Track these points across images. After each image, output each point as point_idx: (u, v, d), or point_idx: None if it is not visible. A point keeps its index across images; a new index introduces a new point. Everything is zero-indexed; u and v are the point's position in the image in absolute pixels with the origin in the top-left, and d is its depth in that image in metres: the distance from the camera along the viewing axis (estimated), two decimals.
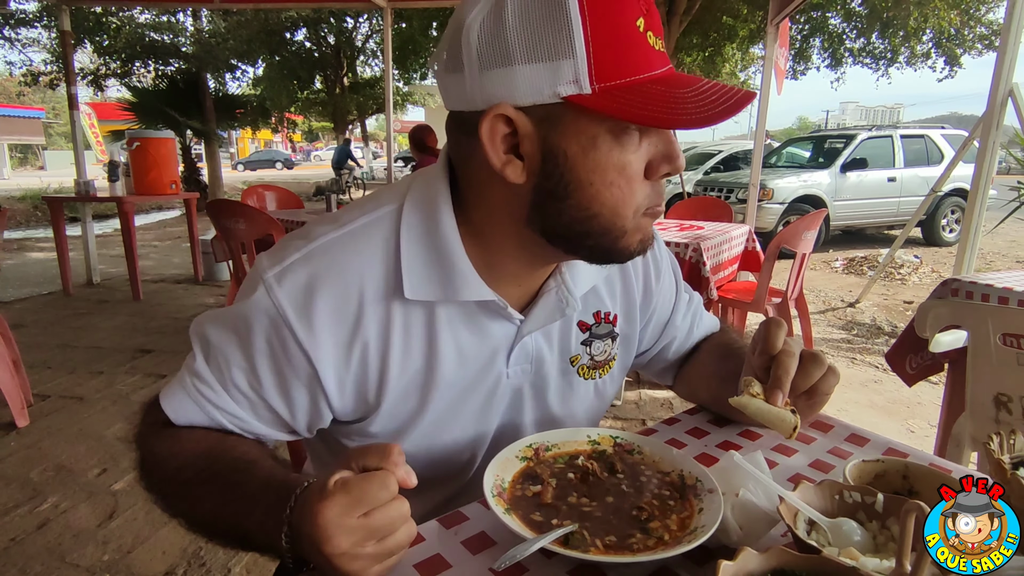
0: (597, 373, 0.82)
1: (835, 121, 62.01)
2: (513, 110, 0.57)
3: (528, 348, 0.75)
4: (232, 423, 0.68)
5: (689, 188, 8.93)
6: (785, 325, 0.73)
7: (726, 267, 3.23)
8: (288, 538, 0.54)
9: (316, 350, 0.64)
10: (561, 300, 0.72)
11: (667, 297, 0.91)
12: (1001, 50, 3.20)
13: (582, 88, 0.54)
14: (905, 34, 10.30)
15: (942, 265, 6.84)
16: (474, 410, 0.75)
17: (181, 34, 12.28)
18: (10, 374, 2.67)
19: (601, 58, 0.54)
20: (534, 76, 0.55)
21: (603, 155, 0.57)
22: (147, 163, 5.03)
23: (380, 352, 0.67)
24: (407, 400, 0.70)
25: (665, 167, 0.61)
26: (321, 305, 0.63)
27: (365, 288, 0.65)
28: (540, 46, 0.54)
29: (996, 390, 1.50)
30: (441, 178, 0.66)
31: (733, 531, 0.57)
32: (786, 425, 0.67)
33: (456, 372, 0.70)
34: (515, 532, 0.56)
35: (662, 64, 0.58)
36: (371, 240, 0.66)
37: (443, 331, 0.68)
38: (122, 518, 2.03)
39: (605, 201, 0.59)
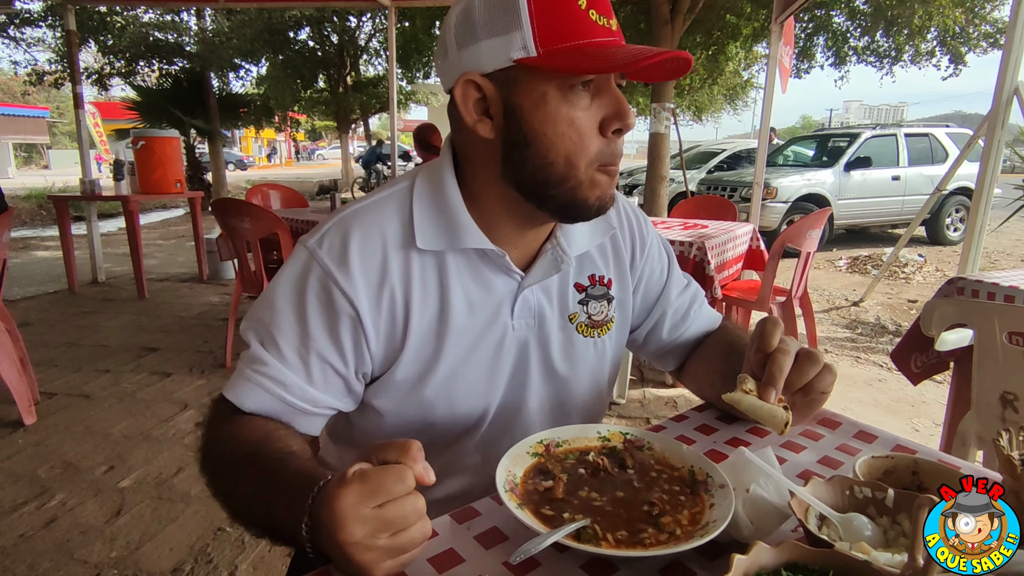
0: (596, 332, 0.89)
1: (839, 120, 61.86)
2: (480, 77, 0.70)
3: (530, 303, 0.83)
4: (291, 396, 0.73)
5: (693, 187, 8.92)
6: (781, 324, 0.76)
7: (730, 266, 3.23)
8: (308, 528, 0.55)
9: (356, 294, 0.73)
10: (556, 258, 0.82)
11: (656, 270, 0.97)
12: (1006, 48, 3.19)
13: (529, 52, 0.66)
14: (909, 32, 10.24)
15: (946, 264, 6.82)
16: (485, 359, 0.81)
17: (185, 33, 12.29)
18: (17, 372, 2.69)
19: (543, 28, 0.66)
20: (494, 47, 0.68)
21: (552, 109, 0.68)
22: (152, 162, 5.04)
23: (404, 298, 0.76)
24: (426, 345, 0.78)
25: (616, 123, 0.70)
26: (354, 256, 0.74)
27: (387, 241, 0.76)
28: (497, 23, 0.67)
29: (1002, 388, 1.50)
30: (446, 155, 0.79)
31: (744, 526, 0.58)
32: (777, 421, 0.69)
33: (466, 320, 0.79)
34: (528, 527, 0.57)
35: (605, 35, 0.67)
36: (390, 205, 0.78)
37: (453, 280, 0.78)
38: (129, 515, 2.05)
39: (559, 150, 0.69)
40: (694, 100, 17.15)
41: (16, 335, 2.80)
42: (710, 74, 12.30)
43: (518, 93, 0.69)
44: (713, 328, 1.01)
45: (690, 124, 21.48)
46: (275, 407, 0.74)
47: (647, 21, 8.25)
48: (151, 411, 2.86)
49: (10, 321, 2.79)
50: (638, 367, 3.45)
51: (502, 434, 0.86)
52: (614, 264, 0.92)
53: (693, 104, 17.98)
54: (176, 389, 3.13)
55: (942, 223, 8.40)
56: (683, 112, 18.21)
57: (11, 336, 2.73)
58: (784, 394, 0.72)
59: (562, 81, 0.67)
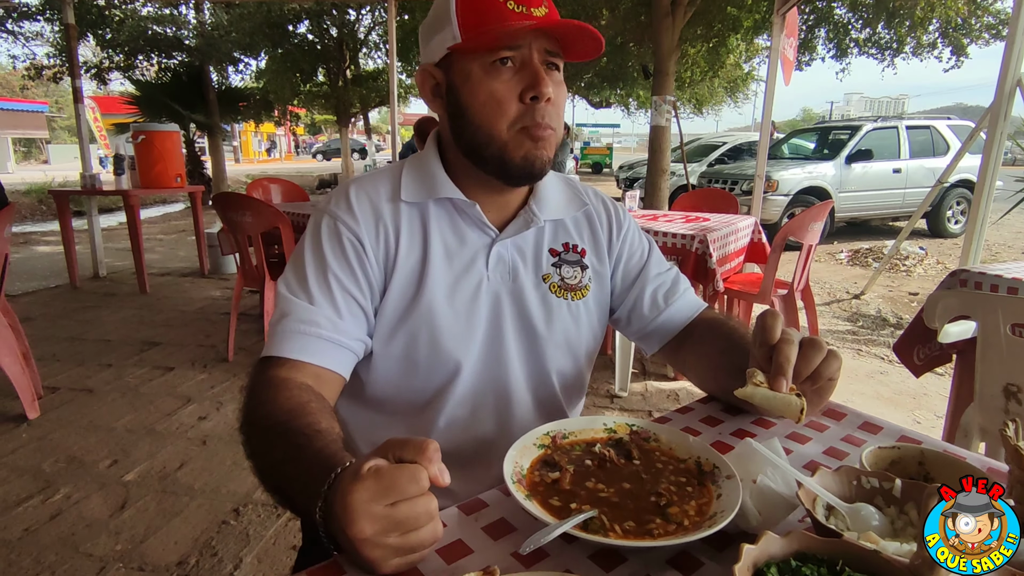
0: (569, 295, 0.96)
1: (839, 112, 61.62)
2: (432, 67, 0.87)
3: (504, 258, 0.93)
4: (325, 331, 0.81)
5: (694, 180, 8.90)
6: (781, 316, 0.78)
7: (732, 259, 3.23)
8: (322, 512, 0.56)
9: (359, 230, 0.87)
10: (527, 219, 0.93)
11: (636, 252, 1.04)
12: (1009, 40, 3.18)
13: (456, 39, 0.81)
14: (911, 24, 10.18)
15: (947, 257, 6.82)
16: (463, 303, 0.90)
17: (184, 27, 12.22)
18: (20, 367, 2.69)
19: (464, 19, 0.80)
20: (436, 42, 0.84)
21: (476, 83, 0.82)
22: (152, 156, 5.03)
23: (395, 237, 0.89)
24: (410, 284, 0.88)
25: (530, 91, 0.81)
26: (355, 203, 0.89)
27: (381, 194, 0.91)
28: (438, 23, 0.83)
29: (1005, 380, 1.50)
30: (432, 138, 0.95)
31: (752, 516, 0.58)
32: (793, 409, 0.69)
33: (444, 265, 0.90)
34: (536, 517, 0.57)
35: (520, 20, 0.79)
36: (387, 173, 0.94)
37: (433, 229, 0.90)
38: (134, 508, 2.05)
39: (484, 116, 0.82)
40: (695, 93, 17.11)
41: (19, 330, 2.80)
42: (711, 66, 12.26)
43: (454, 74, 0.85)
44: (696, 312, 1.02)
45: (691, 117, 21.44)
46: (314, 347, 0.80)
47: (648, 13, 8.21)
48: (154, 405, 2.87)
49: (12, 316, 2.79)
50: (640, 360, 3.45)
51: (486, 389, 0.92)
52: (589, 238, 1.01)
53: (694, 97, 17.94)
54: (179, 383, 3.13)
55: (943, 216, 8.39)
56: (684, 105, 18.17)
57: (13, 331, 2.73)
58: (793, 383, 0.72)
59: (483, 60, 0.80)
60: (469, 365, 0.90)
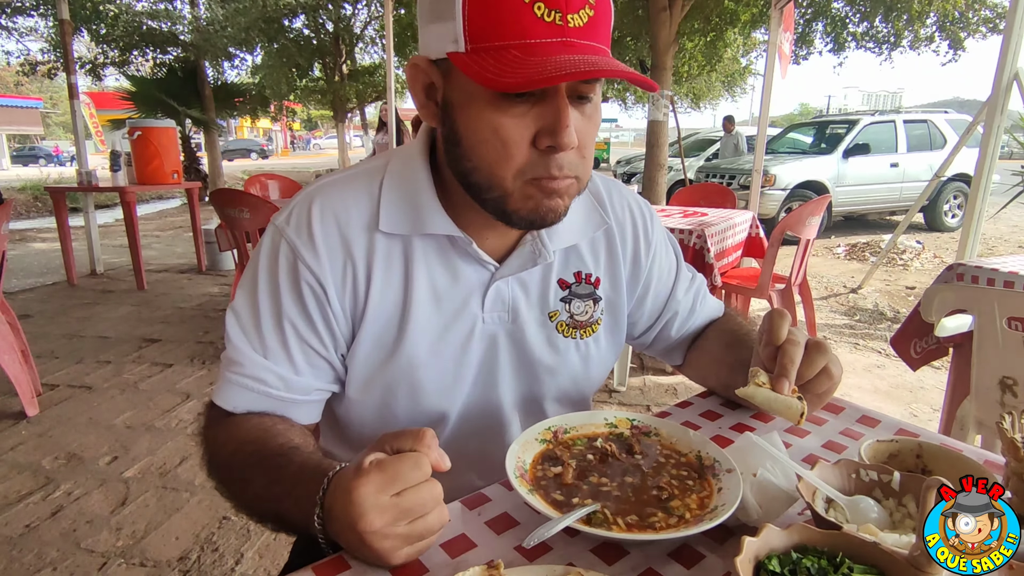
0: (578, 333, 0.84)
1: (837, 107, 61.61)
2: (426, 61, 0.66)
3: (503, 295, 0.78)
4: (275, 391, 0.73)
5: (691, 175, 8.91)
6: (789, 316, 0.74)
7: (730, 253, 3.23)
8: (320, 519, 0.56)
9: (321, 271, 0.72)
10: (535, 250, 0.77)
11: (665, 272, 0.92)
12: (1006, 33, 3.18)
13: (459, 47, 0.60)
14: (909, 18, 10.18)
15: (944, 251, 6.83)
16: (451, 352, 0.77)
17: (179, 22, 12.16)
18: (19, 364, 2.69)
19: (475, 20, 0.58)
20: (434, 34, 0.62)
21: (477, 112, 0.63)
22: (149, 152, 5.01)
23: (365, 277, 0.73)
24: (387, 331, 0.75)
25: (546, 139, 0.62)
26: (319, 232, 0.72)
27: (351, 219, 0.73)
28: (437, 7, 0.61)
29: (1001, 373, 1.51)
30: (423, 136, 0.76)
31: (752, 509, 0.59)
32: (793, 412, 0.69)
33: (431, 311, 0.75)
34: (539, 512, 0.58)
35: (549, 34, 0.58)
36: (360, 182, 0.75)
37: (419, 267, 0.74)
38: (134, 504, 2.06)
39: (482, 156, 0.64)
40: (692, 87, 17.08)
41: (17, 327, 2.79)
42: (708, 61, 12.24)
43: (451, 87, 0.65)
44: (716, 317, 1.00)
45: (688, 111, 21.42)
46: (265, 404, 0.73)
47: (645, 7, 8.19)
48: (153, 402, 2.87)
49: (10, 313, 2.79)
50: (638, 355, 3.46)
51: (471, 433, 0.82)
52: (606, 262, 0.86)
53: (691, 91, 17.91)
54: (178, 380, 3.13)
55: (940, 209, 8.41)
56: (681, 99, 18.14)
57: (12, 328, 2.73)
58: (796, 385, 0.71)
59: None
60: (456, 414, 0.81)
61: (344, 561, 0.56)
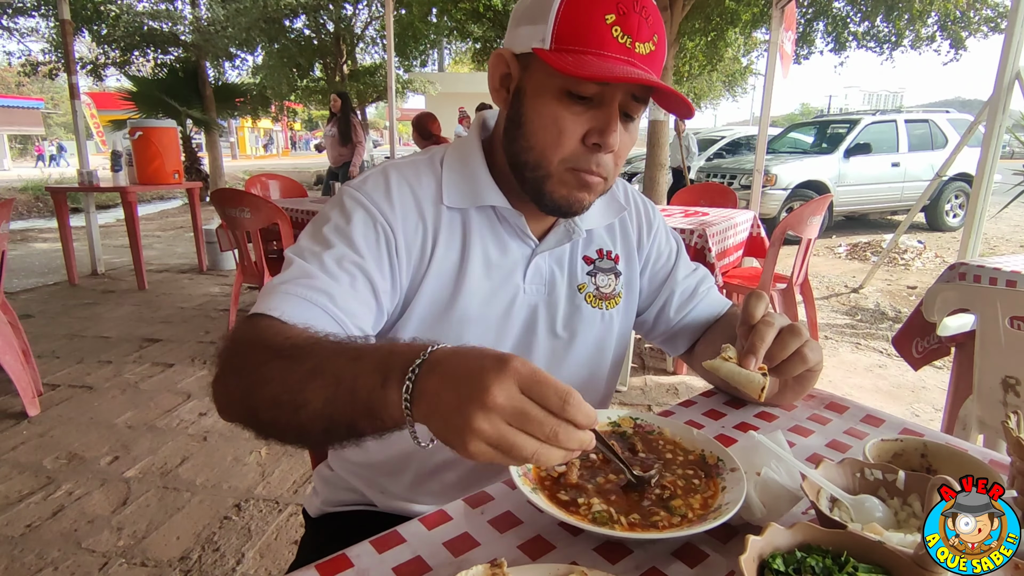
0: (604, 304, 0.94)
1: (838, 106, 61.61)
2: (510, 54, 0.78)
3: (542, 270, 0.89)
4: (335, 307, 0.71)
5: (692, 175, 8.90)
6: (766, 297, 0.81)
7: (731, 253, 3.23)
8: (413, 375, 0.50)
9: (395, 221, 0.79)
10: (569, 229, 0.88)
11: (664, 253, 1.02)
12: (1008, 32, 3.17)
13: (545, 44, 0.72)
14: (910, 17, 10.17)
15: (946, 250, 6.83)
16: (495, 315, 0.86)
17: (180, 22, 12.17)
18: (20, 364, 2.69)
19: (563, 27, 0.71)
20: (525, 33, 0.74)
21: (545, 103, 0.75)
22: (150, 152, 5.01)
23: (432, 240, 0.82)
24: (444, 290, 0.83)
25: (594, 137, 0.74)
26: (395, 193, 0.81)
27: (422, 194, 0.83)
28: (532, 13, 0.74)
29: (1004, 373, 1.51)
30: (475, 127, 0.89)
31: (757, 508, 0.58)
32: (754, 385, 0.73)
33: (482, 275, 0.84)
34: (543, 510, 0.57)
35: (620, 52, 0.71)
36: (424, 166, 0.86)
37: (475, 238, 0.84)
38: (135, 504, 2.06)
39: (539, 139, 0.76)
40: (693, 87, 17.06)
41: (18, 327, 2.80)
42: (709, 60, 12.23)
43: (528, 78, 0.77)
44: (721, 313, 1.02)
45: None
46: (318, 320, 0.68)
47: None
48: (154, 402, 2.87)
49: (11, 313, 2.79)
50: (639, 355, 3.46)
51: None
52: (622, 243, 0.97)
53: (692, 91, 17.89)
54: (179, 379, 3.13)
55: (941, 209, 8.40)
56: None
57: (13, 328, 2.73)
58: (769, 366, 0.75)
59: (564, 83, 0.72)
60: None
61: (347, 559, 0.56)
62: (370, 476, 0.94)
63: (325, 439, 0.58)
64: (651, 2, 0.73)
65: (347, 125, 6.53)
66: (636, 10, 0.71)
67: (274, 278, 0.73)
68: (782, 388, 0.82)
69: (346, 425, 0.55)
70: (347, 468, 0.97)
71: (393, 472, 0.91)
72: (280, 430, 0.60)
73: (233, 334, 0.67)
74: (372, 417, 0.53)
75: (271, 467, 2.29)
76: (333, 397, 0.54)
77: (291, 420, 0.57)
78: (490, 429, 0.46)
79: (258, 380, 0.60)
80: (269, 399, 0.58)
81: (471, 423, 0.46)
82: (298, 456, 2.35)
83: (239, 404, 0.62)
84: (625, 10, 0.70)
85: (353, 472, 0.96)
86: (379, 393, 0.51)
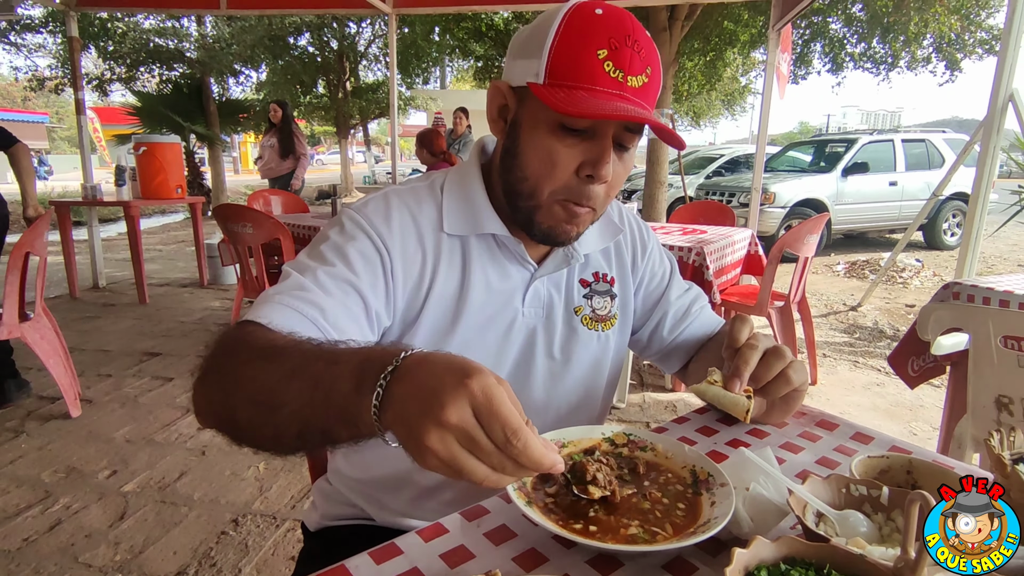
0: (600, 326, 0.96)
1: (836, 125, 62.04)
2: (507, 87, 0.80)
3: (540, 293, 0.90)
4: (326, 322, 0.72)
5: (691, 192, 8.96)
6: (751, 321, 0.83)
7: (729, 271, 3.25)
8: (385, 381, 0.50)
9: (392, 246, 0.81)
10: (567, 253, 0.90)
11: (658, 273, 1.04)
12: (1001, 55, 3.22)
13: (539, 79, 0.74)
14: (906, 39, 10.32)
15: (944, 269, 6.85)
16: (495, 339, 0.88)
17: (186, 39, 12.33)
18: (63, 368, 2.85)
19: (556, 63, 0.73)
20: (521, 67, 0.76)
21: (540, 136, 0.76)
22: (154, 167, 5.06)
23: (432, 269, 0.84)
24: (444, 316, 0.85)
25: (588, 169, 0.76)
26: (395, 218, 0.83)
27: (423, 221, 0.84)
28: (528, 48, 0.76)
29: (997, 392, 1.52)
30: (475, 154, 0.90)
31: (745, 523, 0.60)
32: (740, 408, 0.76)
33: (483, 300, 0.86)
34: (537, 523, 0.59)
35: (612, 87, 0.72)
36: (424, 192, 0.87)
37: (475, 265, 0.86)
38: (133, 519, 2.06)
39: (532, 171, 0.78)
40: (692, 105, 17.23)
41: (59, 332, 2.94)
42: (708, 80, 12.36)
43: (524, 111, 0.78)
44: (714, 331, 1.04)
45: (688, 129, 21.57)
46: (307, 332, 0.67)
47: (646, 27, 8.30)
48: (153, 416, 2.87)
49: (53, 319, 2.94)
50: (638, 372, 3.47)
51: None
52: (616, 265, 0.99)
53: (692, 109, 18.07)
54: (178, 394, 3.14)
55: (939, 228, 8.44)
56: (681, 117, 18.29)
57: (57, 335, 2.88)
58: (754, 387, 0.78)
59: (558, 116, 0.73)
60: None
61: (346, 571, 0.57)
62: (369, 492, 0.95)
63: (299, 443, 0.57)
64: (644, 34, 0.74)
65: (288, 136, 6.27)
66: (628, 44, 0.72)
67: (269, 288, 0.75)
68: (769, 408, 0.84)
69: (321, 430, 0.55)
70: (346, 483, 0.98)
71: (393, 488, 0.93)
72: (256, 431, 0.59)
73: (220, 337, 0.67)
74: (347, 423, 0.52)
75: (269, 482, 2.29)
76: (310, 400, 0.54)
77: (267, 420, 0.57)
78: (442, 448, 0.46)
79: (238, 379, 0.60)
80: (247, 399, 0.59)
81: (425, 439, 0.46)
82: (296, 471, 2.35)
83: (219, 404, 0.62)
84: (617, 45, 0.72)
85: (352, 487, 0.97)
86: (353, 398, 0.51)
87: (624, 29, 0.73)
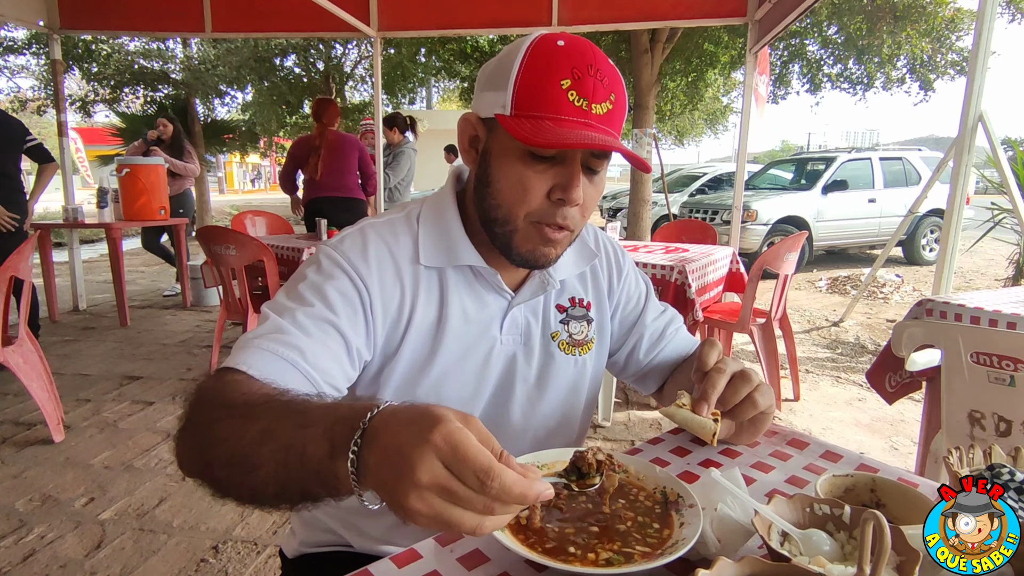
0: (576, 351, 0.97)
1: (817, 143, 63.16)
2: (476, 118, 0.82)
3: (518, 321, 0.92)
4: (306, 363, 0.72)
5: (675, 210, 9.06)
6: (719, 345, 0.85)
7: (711, 289, 3.29)
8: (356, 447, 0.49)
9: (371, 280, 0.82)
10: (544, 280, 0.91)
11: (634, 297, 1.05)
12: (970, 77, 3.32)
13: (505, 111, 0.75)
14: (880, 61, 10.60)
15: (923, 283, 6.97)
16: (473, 368, 0.89)
17: (171, 61, 12.33)
18: (47, 393, 2.84)
19: (520, 95, 0.75)
20: (488, 99, 0.78)
21: (510, 164, 0.78)
22: (137, 189, 5.03)
23: (411, 303, 0.85)
24: (423, 347, 0.86)
25: (559, 193, 0.78)
26: (372, 255, 0.83)
27: (400, 254, 0.85)
28: (494, 80, 0.78)
29: (969, 407, 1.55)
30: (449, 183, 0.91)
31: (712, 543, 0.61)
32: (707, 431, 0.79)
33: (461, 329, 0.87)
34: (509, 548, 0.59)
35: (576, 115, 0.74)
36: (400, 225, 0.88)
37: (452, 294, 0.87)
38: (110, 548, 2.02)
39: (505, 197, 0.80)
40: (676, 125, 17.48)
41: (43, 357, 2.94)
42: (690, 99, 12.57)
43: (493, 141, 0.81)
44: (690, 352, 1.06)
45: (672, 148, 21.88)
46: (288, 376, 0.70)
47: (628, 49, 8.45)
48: (133, 441, 2.83)
49: (36, 344, 2.93)
50: (623, 390, 3.48)
51: None
52: (592, 290, 1.00)
53: (675, 128, 18.33)
54: (158, 418, 3.10)
55: (918, 244, 8.61)
56: (665, 136, 18.54)
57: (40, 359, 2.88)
58: (722, 410, 0.81)
59: (526, 145, 0.75)
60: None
61: None
62: (347, 518, 0.95)
63: (279, 502, 0.57)
64: (606, 63, 0.76)
65: (180, 152, 5.83)
66: (591, 73, 0.74)
67: (248, 332, 0.75)
68: (737, 431, 0.85)
69: (299, 492, 0.55)
70: (325, 510, 0.98)
71: (371, 515, 0.92)
72: (234, 490, 0.59)
73: (198, 388, 0.67)
74: (325, 486, 0.53)
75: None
76: (284, 463, 0.54)
77: (243, 481, 0.57)
78: (425, 508, 0.46)
79: (213, 438, 0.60)
80: (222, 459, 0.59)
81: (405, 504, 0.46)
82: None
83: (197, 461, 0.62)
84: (580, 74, 0.74)
85: (331, 514, 0.97)
86: (328, 464, 0.51)
87: (586, 59, 0.74)
